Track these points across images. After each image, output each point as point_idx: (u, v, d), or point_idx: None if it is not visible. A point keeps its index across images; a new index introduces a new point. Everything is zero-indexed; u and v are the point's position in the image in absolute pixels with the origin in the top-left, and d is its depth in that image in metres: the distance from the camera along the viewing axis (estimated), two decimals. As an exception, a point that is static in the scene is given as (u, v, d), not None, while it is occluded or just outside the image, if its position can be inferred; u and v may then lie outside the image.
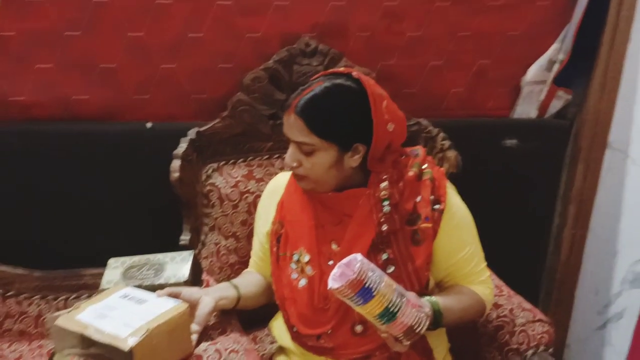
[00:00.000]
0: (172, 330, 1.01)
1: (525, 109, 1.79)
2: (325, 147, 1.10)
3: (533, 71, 1.73)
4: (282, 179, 1.31)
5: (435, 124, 1.64)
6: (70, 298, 1.56)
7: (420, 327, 1.02)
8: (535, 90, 1.76)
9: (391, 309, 0.98)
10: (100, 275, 1.25)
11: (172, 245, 1.40)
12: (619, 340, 1.78)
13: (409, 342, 1.03)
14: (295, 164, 1.14)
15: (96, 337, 0.97)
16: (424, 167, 1.18)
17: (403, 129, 1.17)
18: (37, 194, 1.52)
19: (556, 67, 1.72)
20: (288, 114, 1.11)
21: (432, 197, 1.15)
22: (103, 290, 1.21)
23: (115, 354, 0.95)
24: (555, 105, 1.79)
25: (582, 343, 1.93)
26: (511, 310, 1.34)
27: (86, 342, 0.99)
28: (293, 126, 1.11)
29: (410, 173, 1.16)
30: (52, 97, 1.49)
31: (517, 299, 1.39)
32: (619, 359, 1.76)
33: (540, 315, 1.33)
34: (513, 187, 1.83)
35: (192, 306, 1.09)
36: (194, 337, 1.08)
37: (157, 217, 1.57)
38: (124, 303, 1.07)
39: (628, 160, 1.72)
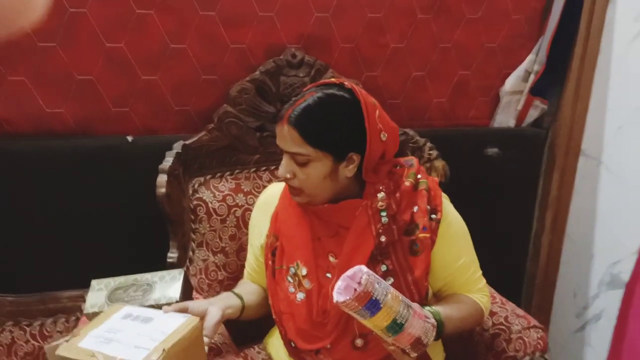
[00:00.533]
0: (188, 347, 0.95)
1: (504, 118, 1.83)
2: (319, 157, 1.09)
3: (511, 82, 1.78)
4: (275, 189, 1.28)
5: (420, 134, 1.65)
6: (47, 323, 1.49)
7: (427, 339, 1.00)
8: (513, 100, 1.81)
9: (399, 321, 0.96)
10: (80, 297, 1.19)
11: (156, 263, 1.34)
12: (598, 341, 1.83)
13: (416, 355, 1.02)
14: (289, 175, 1.12)
15: None
16: (419, 176, 1.18)
17: (396, 138, 1.17)
18: (9, 214, 1.44)
19: (532, 78, 1.77)
20: (281, 124, 1.10)
21: (428, 207, 1.15)
22: (88, 314, 1.15)
23: None
24: (532, 115, 1.84)
25: (562, 346, 1.98)
26: (506, 317, 1.35)
27: None
28: (287, 137, 1.09)
29: (407, 183, 1.15)
30: (25, 112, 1.41)
31: (510, 306, 1.41)
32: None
33: (534, 321, 1.35)
34: (493, 195, 1.87)
35: (200, 318, 1.05)
36: (205, 349, 1.04)
37: (139, 235, 1.51)
38: (129, 324, 1.00)
39: (601, 166, 1.78)
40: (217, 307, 1.10)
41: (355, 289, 0.93)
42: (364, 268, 0.96)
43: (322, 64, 1.54)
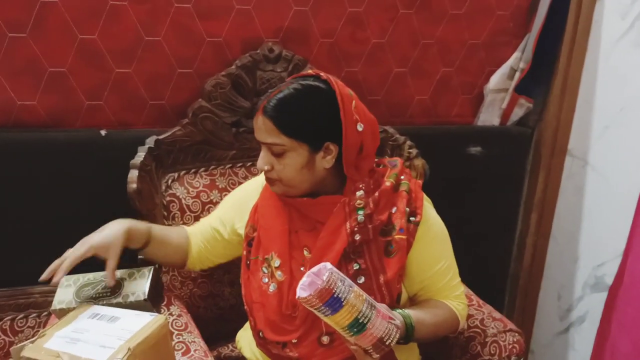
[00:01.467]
0: (154, 345, 0.93)
1: (488, 116, 1.80)
2: (295, 147, 1.08)
3: (496, 79, 1.75)
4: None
5: (401, 131, 1.62)
6: (17, 318, 1.46)
7: (390, 340, 0.98)
8: (497, 98, 1.78)
9: (360, 320, 0.95)
10: (51, 292, 1.16)
11: (129, 260, 1.31)
12: (582, 344, 1.81)
13: (378, 355, 1.00)
14: (267, 167, 1.12)
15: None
16: (401, 177, 1.17)
17: (374, 131, 1.15)
18: (-22, 208, 1.41)
19: (517, 76, 1.74)
20: (257, 116, 1.10)
21: (407, 209, 1.14)
22: (55, 310, 1.12)
23: None
24: (517, 113, 1.81)
25: (545, 348, 1.95)
26: (482, 320, 1.33)
27: None
28: (262, 128, 1.09)
29: (387, 183, 1.14)
30: (-5, 103, 1.38)
31: (487, 309, 1.38)
32: (581, 363, 1.78)
33: (510, 325, 1.32)
34: (477, 195, 1.84)
35: (107, 247, 1.09)
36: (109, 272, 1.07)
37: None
38: (95, 323, 0.98)
39: (587, 167, 1.76)
40: (120, 225, 1.13)
41: (319, 285, 0.92)
42: (329, 265, 0.95)
43: (300, 58, 1.51)
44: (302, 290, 0.94)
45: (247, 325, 1.31)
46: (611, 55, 1.65)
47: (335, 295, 0.93)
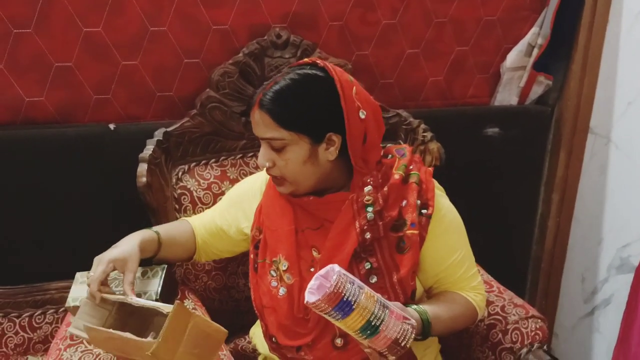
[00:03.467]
0: (206, 335, 0.95)
1: (506, 96, 1.75)
2: (295, 140, 1.04)
3: (512, 57, 1.70)
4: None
5: (415, 114, 1.58)
6: (35, 314, 1.47)
7: (405, 341, 0.94)
8: (515, 77, 1.72)
9: (373, 322, 0.91)
10: (67, 288, 1.16)
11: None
12: (607, 327, 1.77)
13: (394, 358, 0.96)
14: (268, 164, 1.08)
15: (140, 303, 0.98)
16: (411, 167, 1.12)
17: (378, 118, 1.10)
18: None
19: (535, 52, 1.68)
20: (253, 111, 1.06)
21: (418, 201, 1.09)
22: (69, 307, 1.12)
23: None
24: (536, 91, 1.76)
25: (569, 332, 1.92)
26: (502, 307, 1.30)
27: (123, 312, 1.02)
28: (260, 123, 1.05)
29: (396, 176, 1.09)
30: (4, 101, 1.37)
31: (508, 295, 1.35)
32: (607, 345, 1.75)
33: (532, 311, 1.29)
34: (495, 177, 1.80)
35: (125, 261, 1.06)
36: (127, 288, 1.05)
37: (125, 225, 1.46)
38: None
39: (611, 145, 1.70)
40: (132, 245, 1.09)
41: (327, 289, 0.88)
42: (337, 267, 0.91)
43: (308, 43, 1.47)
44: (311, 295, 0.90)
45: (258, 322, 1.29)
46: (633, 27, 1.59)
47: (344, 299, 0.88)
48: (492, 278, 1.42)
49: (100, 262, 1.05)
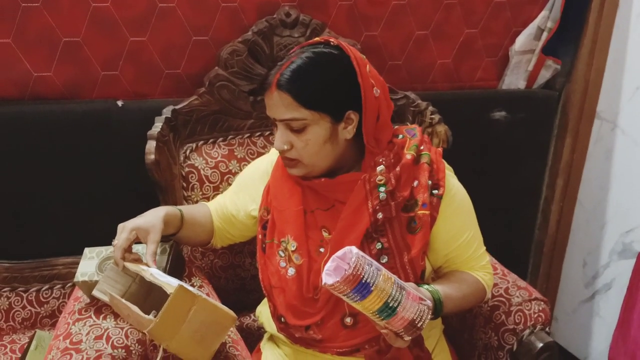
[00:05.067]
0: (210, 320, 0.96)
1: (514, 79, 1.74)
2: (316, 119, 1.03)
3: (522, 40, 1.68)
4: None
5: (422, 97, 1.57)
6: (43, 289, 1.49)
7: (422, 322, 0.95)
8: (523, 60, 1.71)
9: (391, 304, 0.91)
10: (75, 264, 1.18)
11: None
12: (607, 311, 1.78)
13: (410, 338, 0.97)
14: (286, 147, 1.06)
15: (150, 278, 0.99)
16: (421, 148, 1.11)
17: (387, 96, 1.10)
18: (-1, 181, 1.41)
19: (545, 36, 1.67)
20: (270, 92, 1.03)
21: (430, 181, 1.09)
22: (78, 282, 1.13)
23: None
24: (544, 75, 1.75)
25: (570, 315, 1.93)
26: (506, 289, 1.31)
27: (146, 281, 1.01)
28: (278, 103, 1.03)
29: (408, 156, 1.08)
30: (10, 75, 1.37)
31: (512, 277, 1.36)
32: (607, 330, 1.76)
33: (536, 293, 1.30)
34: (501, 161, 1.80)
35: (148, 231, 1.06)
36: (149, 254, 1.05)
37: (132, 202, 1.46)
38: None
39: (617, 130, 1.70)
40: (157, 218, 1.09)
41: (345, 271, 0.88)
42: (354, 249, 0.90)
43: (318, 23, 1.46)
44: (328, 276, 0.89)
45: (265, 300, 1.30)
46: (644, 12, 1.58)
47: (363, 281, 0.88)
48: (495, 260, 1.43)
49: (124, 229, 1.05)
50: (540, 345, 1.22)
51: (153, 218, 1.08)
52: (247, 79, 1.43)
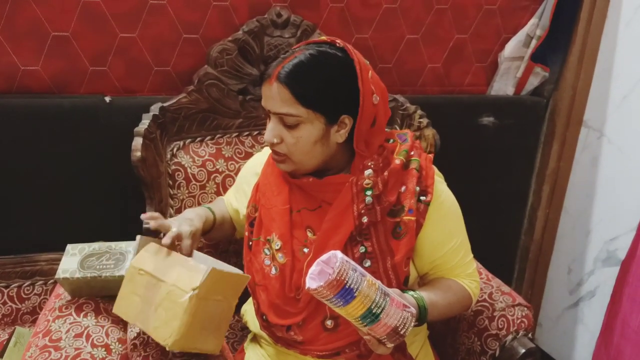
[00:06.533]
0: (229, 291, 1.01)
1: (502, 86, 1.75)
2: (311, 119, 1.01)
3: (511, 47, 1.69)
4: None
5: (411, 100, 1.58)
6: (24, 285, 1.47)
7: (405, 329, 0.94)
8: (512, 67, 1.72)
9: (374, 310, 0.90)
10: (57, 260, 1.16)
11: (135, 225, 1.30)
12: (591, 318, 1.79)
13: (392, 345, 0.96)
14: (276, 140, 1.04)
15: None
16: (412, 153, 1.11)
17: (386, 103, 1.09)
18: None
19: (534, 43, 1.69)
20: (269, 83, 1.02)
21: (417, 188, 1.08)
22: (59, 279, 1.12)
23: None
24: (533, 82, 1.76)
25: (554, 322, 1.94)
26: (490, 294, 1.31)
27: None
28: (276, 96, 1.01)
29: (397, 161, 1.07)
30: (-2, 68, 1.36)
31: (496, 282, 1.36)
32: (590, 337, 1.77)
33: (519, 299, 1.30)
34: (488, 166, 1.81)
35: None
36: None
37: (118, 199, 1.47)
38: None
39: (603, 138, 1.71)
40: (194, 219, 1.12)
41: (329, 276, 0.87)
42: (339, 254, 0.89)
43: (309, 24, 1.46)
44: (312, 280, 0.88)
45: (251, 299, 1.30)
46: (632, 22, 1.59)
47: (347, 286, 0.87)
48: (480, 265, 1.43)
49: (192, 223, 1.09)
50: (523, 351, 1.22)
51: (195, 216, 1.13)
52: (237, 78, 1.43)
